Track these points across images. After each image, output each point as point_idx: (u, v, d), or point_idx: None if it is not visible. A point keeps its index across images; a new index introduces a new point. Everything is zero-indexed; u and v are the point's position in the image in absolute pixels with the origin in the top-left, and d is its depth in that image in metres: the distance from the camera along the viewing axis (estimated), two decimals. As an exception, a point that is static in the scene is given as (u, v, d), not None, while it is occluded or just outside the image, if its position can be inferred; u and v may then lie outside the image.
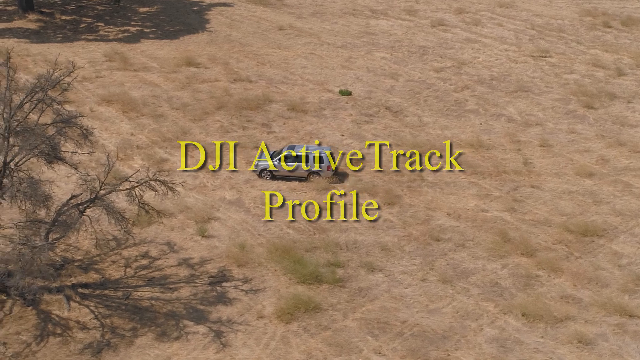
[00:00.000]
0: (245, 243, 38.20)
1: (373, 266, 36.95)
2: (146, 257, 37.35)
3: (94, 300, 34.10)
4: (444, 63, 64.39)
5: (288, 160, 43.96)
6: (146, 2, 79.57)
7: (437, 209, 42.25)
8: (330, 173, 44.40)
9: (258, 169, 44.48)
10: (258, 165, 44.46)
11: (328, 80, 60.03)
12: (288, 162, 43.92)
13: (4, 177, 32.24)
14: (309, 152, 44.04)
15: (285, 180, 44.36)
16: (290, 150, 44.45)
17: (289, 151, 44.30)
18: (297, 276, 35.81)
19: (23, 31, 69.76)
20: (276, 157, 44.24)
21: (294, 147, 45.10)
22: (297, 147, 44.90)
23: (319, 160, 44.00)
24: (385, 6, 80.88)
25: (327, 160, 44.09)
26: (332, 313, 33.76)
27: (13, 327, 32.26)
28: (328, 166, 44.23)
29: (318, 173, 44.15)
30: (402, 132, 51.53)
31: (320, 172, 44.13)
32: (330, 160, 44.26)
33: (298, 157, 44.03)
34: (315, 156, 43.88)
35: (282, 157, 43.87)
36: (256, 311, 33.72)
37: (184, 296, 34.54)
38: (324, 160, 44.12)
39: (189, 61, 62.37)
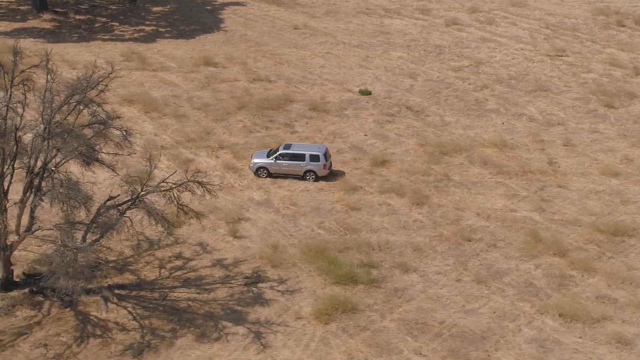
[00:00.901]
0: (277, 243, 38.20)
1: (407, 266, 36.98)
2: (180, 257, 37.34)
3: (131, 301, 34.08)
4: (461, 62, 64.42)
5: (284, 158, 44.07)
6: (159, 1, 79.50)
7: (466, 209, 42.30)
8: (326, 171, 44.53)
9: (254, 167, 44.53)
10: (254, 163, 44.50)
11: (347, 80, 60.03)
12: (284, 161, 43.98)
13: (43, 178, 32.20)
14: (305, 151, 44.15)
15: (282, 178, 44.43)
16: (286, 148, 44.52)
17: (285, 150, 44.38)
18: (332, 277, 35.83)
19: (38, 31, 69.67)
20: (272, 156, 44.39)
21: (290, 145, 45.18)
22: (293, 146, 44.98)
23: (315, 159, 44.13)
24: (398, 5, 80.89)
25: (323, 159, 44.19)
26: (369, 314, 33.79)
27: (52, 328, 32.23)
28: (324, 164, 44.36)
29: (314, 171, 44.15)
30: (425, 131, 51.56)
31: (316, 170, 44.12)
32: (325, 158, 44.39)
33: (294, 155, 44.05)
34: (311, 155, 44.02)
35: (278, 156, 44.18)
36: (294, 312, 33.72)
37: (220, 297, 34.54)
38: (319, 159, 44.20)
39: (207, 61, 62.32)
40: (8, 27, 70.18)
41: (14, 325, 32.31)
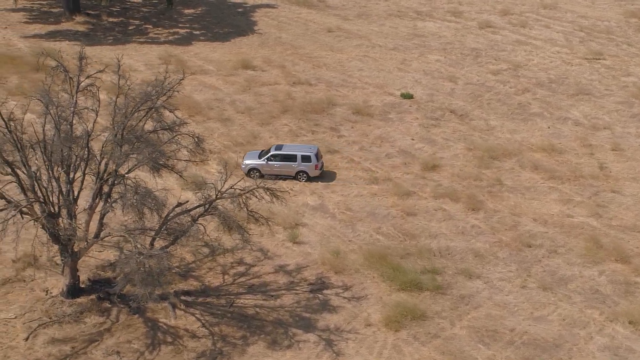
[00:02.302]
0: (338, 249, 38.02)
1: (470, 273, 36.79)
2: (242, 264, 37.19)
3: (198, 307, 33.93)
4: (499, 65, 64.21)
5: (276, 159, 43.90)
6: (190, 4, 79.37)
7: (522, 214, 42.08)
8: (317, 172, 44.45)
9: (246, 169, 44.38)
10: (246, 164, 44.35)
11: (387, 83, 59.84)
12: (276, 162, 43.78)
13: (114, 185, 32.07)
14: (296, 152, 43.92)
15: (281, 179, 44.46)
16: (278, 149, 44.37)
17: (277, 151, 44.38)
18: (396, 283, 35.65)
19: (73, 33, 69.57)
20: (264, 157, 44.28)
21: (281, 146, 45.04)
22: (284, 147, 44.82)
23: (306, 159, 44.02)
24: (429, 8, 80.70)
25: (314, 159, 44.07)
26: (438, 321, 33.59)
27: (123, 335, 32.09)
28: (315, 165, 44.27)
29: (305, 172, 44.15)
30: (472, 135, 51.35)
31: (308, 170, 44.14)
32: (317, 159, 44.24)
33: (285, 156, 44.01)
34: (303, 155, 43.88)
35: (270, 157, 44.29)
36: (363, 319, 33.54)
37: (287, 304, 34.36)
38: (311, 159, 44.06)
39: (245, 64, 62.20)
40: (42, 30, 70.12)
41: (84, 332, 32.17)
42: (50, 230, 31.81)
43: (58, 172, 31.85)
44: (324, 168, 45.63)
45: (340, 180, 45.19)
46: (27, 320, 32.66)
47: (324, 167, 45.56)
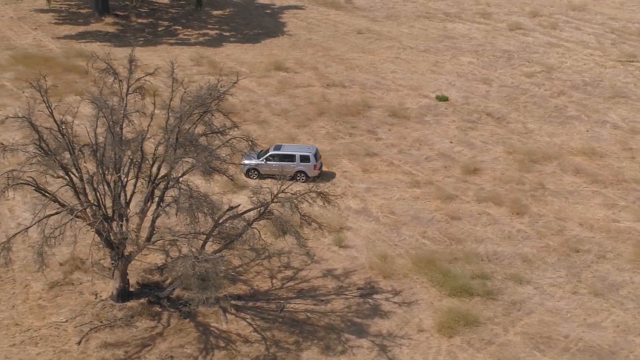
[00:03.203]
0: (385, 254, 37.72)
1: (520, 278, 36.44)
2: (289, 267, 36.93)
3: (249, 312, 33.69)
4: (532, 68, 63.81)
5: (274, 159, 43.62)
6: (217, 5, 79.25)
7: (567, 219, 41.70)
8: (316, 172, 44.23)
9: (244, 169, 44.12)
10: (244, 165, 44.07)
11: (421, 86, 59.53)
12: (274, 162, 43.56)
13: (167, 188, 31.88)
14: (295, 152, 43.69)
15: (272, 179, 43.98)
16: (277, 149, 44.22)
17: (276, 151, 44.25)
18: (446, 288, 35.32)
19: (103, 34, 69.53)
20: (263, 157, 44.03)
21: (280, 146, 44.76)
22: (283, 147, 44.53)
23: (305, 160, 43.74)
24: (457, 9, 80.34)
25: (313, 159, 43.77)
26: (491, 327, 33.25)
27: (175, 340, 31.87)
28: (314, 165, 44.03)
29: (304, 172, 43.99)
30: (511, 139, 51.00)
31: (306, 171, 44.02)
32: (315, 159, 44.13)
33: (284, 156, 43.90)
34: (302, 155, 43.58)
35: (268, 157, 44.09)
36: (415, 324, 33.24)
37: (338, 309, 34.09)
38: (309, 159, 43.75)
39: (278, 65, 62.01)
40: (72, 31, 70.13)
41: (136, 337, 31.97)
42: (102, 234, 31.61)
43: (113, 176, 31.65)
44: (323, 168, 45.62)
45: (381, 184, 44.90)
46: (78, 324, 32.49)
47: (322, 167, 45.35)
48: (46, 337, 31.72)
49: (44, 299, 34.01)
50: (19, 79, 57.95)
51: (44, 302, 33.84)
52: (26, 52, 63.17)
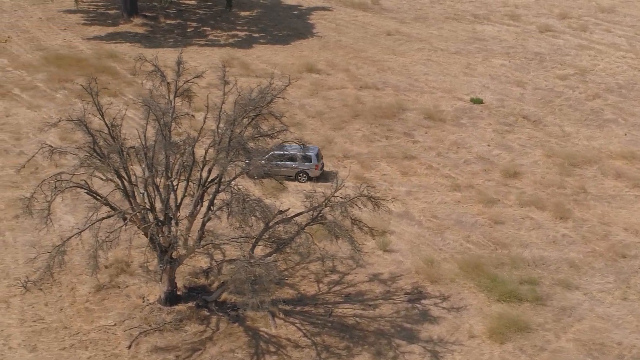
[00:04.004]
0: (431, 258, 37.42)
1: (568, 284, 36.09)
2: (335, 272, 36.67)
3: (297, 317, 33.45)
4: (565, 70, 63.39)
5: (277, 159, 43.25)
6: (244, 6, 79.10)
7: (612, 223, 41.31)
8: (318, 172, 43.99)
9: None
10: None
11: (455, 88, 59.18)
12: (276, 161, 43.19)
13: (218, 192, 31.68)
14: (297, 152, 43.34)
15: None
16: (279, 149, 43.67)
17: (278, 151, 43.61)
18: (495, 294, 34.98)
19: (132, 35, 69.47)
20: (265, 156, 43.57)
21: (282, 146, 44.29)
22: (285, 147, 44.11)
23: (307, 160, 43.39)
24: (485, 11, 79.96)
25: (315, 160, 43.42)
26: (543, 333, 32.90)
27: (225, 344, 31.66)
28: (316, 165, 43.73)
29: (306, 172, 43.77)
30: (549, 142, 50.61)
31: (308, 171, 43.84)
32: (317, 159, 43.86)
33: (286, 156, 43.50)
34: (304, 155, 43.27)
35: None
36: (465, 330, 32.92)
37: (386, 314, 33.82)
38: (311, 160, 43.45)
39: (309, 67, 61.79)
40: (102, 32, 70.08)
41: (186, 341, 31.78)
42: (152, 238, 31.43)
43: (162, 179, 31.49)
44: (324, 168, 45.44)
45: (421, 187, 44.61)
46: (127, 328, 32.31)
47: (324, 168, 45.17)
48: (96, 340, 31.55)
49: (91, 302, 33.86)
50: (52, 80, 58.01)
51: (91, 306, 33.68)
52: (57, 53, 63.16)
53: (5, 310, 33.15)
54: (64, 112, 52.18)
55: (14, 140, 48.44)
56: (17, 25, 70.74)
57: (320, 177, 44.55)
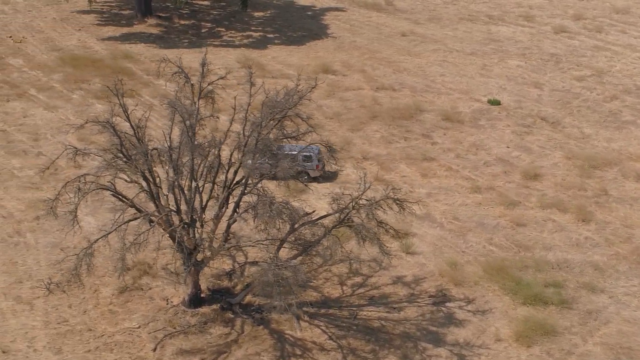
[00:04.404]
0: (454, 261, 37.22)
1: (593, 287, 35.86)
2: (358, 274, 36.49)
3: (322, 319, 33.29)
4: (582, 72, 63.12)
5: None
6: (258, 7, 78.94)
7: (635, 226, 41.09)
8: (318, 172, 43.83)
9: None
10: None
11: (472, 89, 58.96)
12: None
13: (244, 194, 31.55)
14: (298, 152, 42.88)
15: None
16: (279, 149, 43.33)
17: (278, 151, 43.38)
18: (520, 297, 34.77)
19: (147, 36, 69.36)
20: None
21: (282, 146, 43.88)
22: (285, 147, 43.68)
23: (307, 160, 43.20)
24: (499, 12, 79.71)
25: (315, 160, 43.23)
26: (569, 337, 32.70)
27: (251, 347, 31.52)
28: (317, 165, 43.53)
29: (307, 172, 43.57)
30: (568, 144, 50.38)
31: (309, 171, 43.66)
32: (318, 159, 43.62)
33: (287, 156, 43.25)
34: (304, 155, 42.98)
35: None
36: (492, 333, 32.73)
37: (411, 316, 33.64)
38: (312, 160, 43.19)
39: (325, 68, 61.59)
40: (116, 32, 69.97)
41: (211, 344, 31.65)
42: (177, 240, 31.27)
43: (187, 181, 31.37)
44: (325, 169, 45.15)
45: (442, 189, 44.41)
46: (152, 330, 32.19)
47: (325, 168, 44.88)
48: (121, 343, 31.44)
49: (114, 305, 33.74)
50: (68, 81, 57.93)
51: (115, 308, 33.57)
52: (73, 54, 63.07)
53: (29, 312, 33.04)
54: (81, 113, 52.28)
55: (32, 141, 48.34)
56: (31, 25, 70.66)
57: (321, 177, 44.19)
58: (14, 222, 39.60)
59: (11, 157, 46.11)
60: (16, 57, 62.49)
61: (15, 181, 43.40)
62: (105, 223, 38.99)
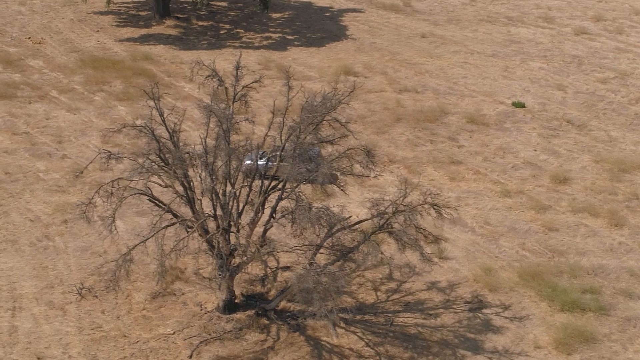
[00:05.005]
0: (489, 266, 36.81)
1: (630, 293, 35.45)
2: (391, 279, 36.10)
3: (358, 326, 32.89)
4: (605, 74, 62.65)
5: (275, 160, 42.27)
6: (276, 8, 78.57)
7: (668, 231, 40.62)
8: None
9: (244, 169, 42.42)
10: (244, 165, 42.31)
11: (495, 92, 58.54)
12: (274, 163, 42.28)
13: (281, 199, 31.20)
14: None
15: None
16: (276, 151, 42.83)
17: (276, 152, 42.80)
18: (557, 303, 34.35)
19: (165, 37, 69.07)
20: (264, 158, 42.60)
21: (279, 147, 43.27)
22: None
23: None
24: (518, 13, 79.26)
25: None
26: (609, 344, 32.28)
27: (288, 354, 31.15)
28: None
29: None
30: (595, 147, 49.93)
31: None
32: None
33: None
34: None
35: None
36: (530, 341, 32.32)
37: (448, 323, 33.23)
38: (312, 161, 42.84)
39: (347, 70, 61.25)
40: (135, 34, 69.69)
41: (247, 350, 31.29)
42: (213, 245, 30.95)
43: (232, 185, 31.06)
44: None
45: (471, 193, 44.01)
46: (187, 337, 31.84)
47: None
48: (156, 349, 31.10)
49: (148, 310, 33.40)
50: (89, 82, 57.66)
51: (148, 313, 33.22)
52: (92, 55, 62.80)
53: (63, 317, 32.72)
54: (104, 115, 52.02)
55: (56, 143, 48.04)
56: (49, 26, 70.43)
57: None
58: (42, 226, 39.26)
59: (36, 160, 45.81)
60: (36, 58, 62.25)
61: (41, 184, 43.09)
62: (133, 227, 38.74)
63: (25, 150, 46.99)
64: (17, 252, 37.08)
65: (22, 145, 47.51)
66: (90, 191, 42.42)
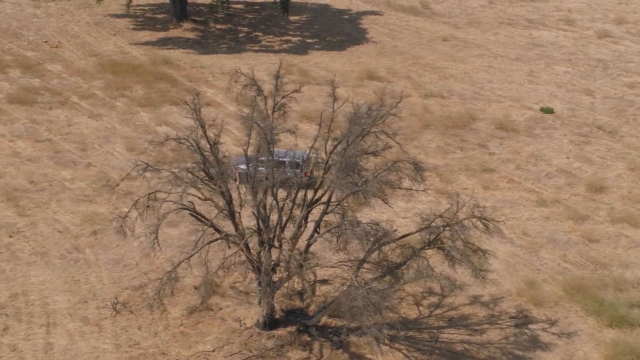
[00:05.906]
0: (532, 280, 35.88)
1: (677, 308, 34.45)
2: (432, 294, 35.17)
3: (403, 342, 31.96)
4: (632, 78, 61.71)
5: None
6: (294, 11, 77.58)
7: None
8: (306, 179, 41.97)
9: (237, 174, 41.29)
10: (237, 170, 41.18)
11: (522, 97, 57.60)
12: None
13: (326, 213, 30.29)
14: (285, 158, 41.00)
15: None
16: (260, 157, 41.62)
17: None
18: (604, 318, 33.43)
19: (184, 41, 68.10)
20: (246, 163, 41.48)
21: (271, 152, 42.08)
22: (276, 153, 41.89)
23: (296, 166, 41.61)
24: (538, 15, 78.30)
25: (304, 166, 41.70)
26: (661, 362, 31.33)
27: (332, 372, 30.20)
28: (305, 172, 41.78)
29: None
30: (629, 154, 49.01)
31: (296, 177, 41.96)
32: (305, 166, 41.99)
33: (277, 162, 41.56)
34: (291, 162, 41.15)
35: None
36: (580, 358, 31.49)
37: (494, 339, 32.32)
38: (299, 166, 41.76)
39: (370, 74, 60.32)
40: (153, 37, 68.75)
41: (290, 369, 30.36)
42: (253, 260, 30.06)
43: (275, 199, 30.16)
44: None
45: (506, 202, 43.08)
46: (228, 354, 30.96)
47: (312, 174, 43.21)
48: (197, 367, 30.19)
49: (185, 326, 32.50)
50: (110, 88, 56.72)
51: (186, 329, 32.32)
52: (111, 59, 61.86)
53: (99, 334, 31.82)
54: (126, 122, 51.10)
55: (80, 151, 47.13)
56: (65, 30, 69.49)
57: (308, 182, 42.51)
58: (71, 238, 38.37)
59: (61, 168, 44.89)
60: (54, 62, 61.32)
61: (68, 193, 42.18)
62: (164, 238, 37.81)
63: (49, 158, 46.07)
64: (47, 265, 36.19)
65: (45, 153, 46.58)
66: (118, 201, 41.67)
